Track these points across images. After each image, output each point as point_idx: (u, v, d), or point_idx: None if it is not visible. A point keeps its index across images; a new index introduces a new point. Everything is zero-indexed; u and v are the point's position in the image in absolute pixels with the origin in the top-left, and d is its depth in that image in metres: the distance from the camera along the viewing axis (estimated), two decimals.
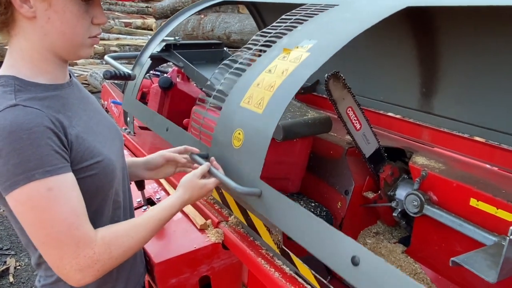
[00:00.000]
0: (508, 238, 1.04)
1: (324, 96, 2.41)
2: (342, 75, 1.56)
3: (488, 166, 1.62)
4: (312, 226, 0.87)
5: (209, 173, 1.14)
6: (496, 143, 1.70)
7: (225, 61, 1.46)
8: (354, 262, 0.74)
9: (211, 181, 1.12)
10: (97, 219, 0.96)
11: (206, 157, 1.25)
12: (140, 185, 1.55)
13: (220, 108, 1.30)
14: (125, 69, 2.06)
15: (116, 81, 3.52)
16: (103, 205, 0.98)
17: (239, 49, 1.47)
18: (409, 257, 1.71)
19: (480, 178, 1.48)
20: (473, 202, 1.40)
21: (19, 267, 2.97)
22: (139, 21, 12.06)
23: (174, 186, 1.78)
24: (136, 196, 1.56)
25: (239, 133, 1.14)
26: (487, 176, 1.51)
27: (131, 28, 11.50)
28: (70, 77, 0.99)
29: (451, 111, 1.85)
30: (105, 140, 0.98)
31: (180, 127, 1.56)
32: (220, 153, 1.20)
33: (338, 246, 0.78)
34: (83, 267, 0.84)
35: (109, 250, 0.88)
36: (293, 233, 0.91)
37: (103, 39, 9.53)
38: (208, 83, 1.61)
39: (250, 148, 1.09)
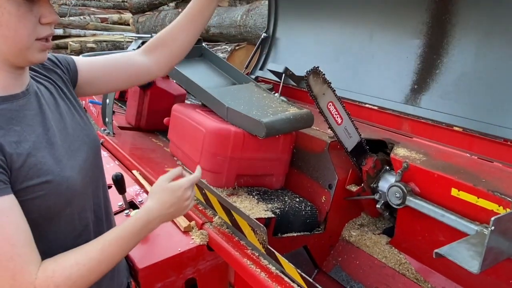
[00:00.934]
0: (489, 228, 1.05)
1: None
2: (321, 70, 1.55)
3: (467, 155, 1.64)
4: None
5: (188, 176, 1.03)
6: (474, 130, 1.72)
7: None
8: None
9: (186, 179, 0.99)
10: (56, 242, 0.89)
11: None
12: (121, 189, 1.52)
13: None
14: None
15: None
16: (62, 226, 0.91)
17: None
18: (393, 247, 1.73)
19: (461, 168, 1.50)
20: (454, 192, 1.42)
21: None
22: (115, 16, 11.78)
23: None
24: (118, 200, 1.53)
25: None
26: (467, 165, 1.53)
27: (108, 23, 11.23)
28: (29, 84, 0.89)
29: (435, 104, 1.87)
30: (64, 153, 0.90)
31: None
32: None
33: None
34: None
35: (54, 284, 0.78)
36: None
37: (79, 36, 9.29)
38: None
39: None
